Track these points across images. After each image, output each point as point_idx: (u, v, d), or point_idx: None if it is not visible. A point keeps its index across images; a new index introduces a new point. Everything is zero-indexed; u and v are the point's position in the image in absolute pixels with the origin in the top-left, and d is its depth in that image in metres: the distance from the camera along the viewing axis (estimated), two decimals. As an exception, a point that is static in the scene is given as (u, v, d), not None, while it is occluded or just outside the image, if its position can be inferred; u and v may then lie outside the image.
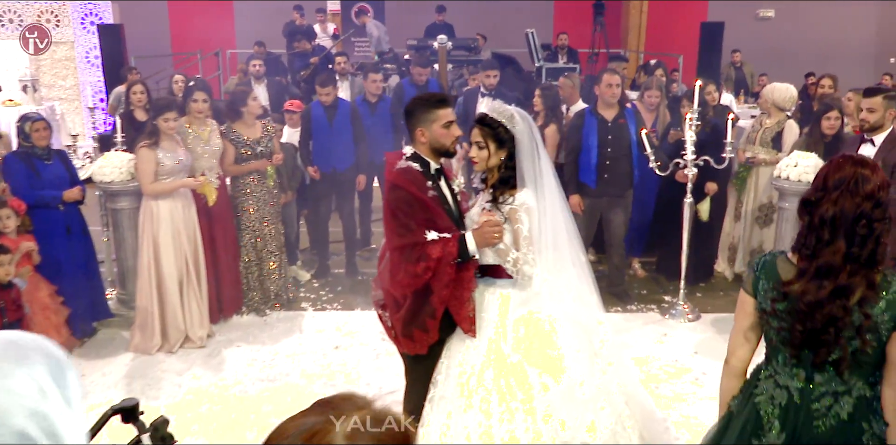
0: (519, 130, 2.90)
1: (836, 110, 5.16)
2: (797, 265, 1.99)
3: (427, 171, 2.89)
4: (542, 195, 2.93)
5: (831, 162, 2.00)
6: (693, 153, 5.02)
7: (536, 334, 2.90)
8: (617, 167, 5.24)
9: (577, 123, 5.35)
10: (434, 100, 2.89)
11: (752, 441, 2.07)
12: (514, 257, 2.86)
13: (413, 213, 2.78)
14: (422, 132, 2.85)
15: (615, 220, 5.41)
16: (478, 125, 2.91)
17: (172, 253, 4.64)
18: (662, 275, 6.17)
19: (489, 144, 2.88)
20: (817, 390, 2.00)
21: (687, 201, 5.18)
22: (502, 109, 2.92)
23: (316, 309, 5.45)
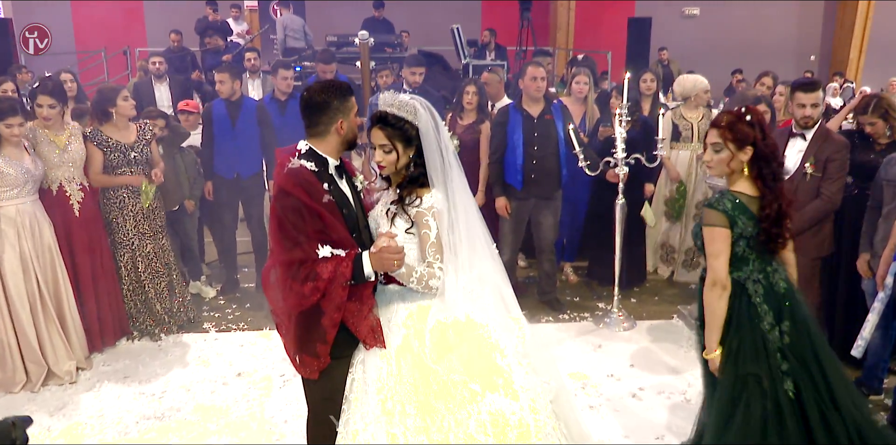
0: (423, 122, 2.54)
1: (763, 104, 4.93)
2: (758, 193, 2.76)
3: (324, 170, 2.51)
4: (453, 191, 2.59)
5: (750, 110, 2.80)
6: (623, 151, 4.70)
7: (465, 341, 2.54)
8: (544, 167, 4.88)
9: (502, 119, 4.98)
10: (346, 87, 2.53)
11: (760, 326, 2.76)
12: (417, 275, 2.52)
13: (303, 224, 2.39)
14: (342, 124, 2.50)
15: (544, 223, 5.05)
16: (379, 126, 2.54)
17: (21, 278, 4.01)
18: (595, 280, 5.86)
19: (396, 145, 2.54)
20: (776, 271, 2.85)
21: (619, 203, 4.86)
22: (401, 101, 2.54)
23: (219, 330, 4.90)
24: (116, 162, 4.50)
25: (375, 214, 2.67)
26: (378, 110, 2.56)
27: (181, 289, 4.90)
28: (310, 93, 2.49)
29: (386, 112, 2.53)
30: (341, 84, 2.52)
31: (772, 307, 2.77)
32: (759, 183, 2.74)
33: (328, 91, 2.47)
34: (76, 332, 4.27)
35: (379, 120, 2.53)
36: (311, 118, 2.50)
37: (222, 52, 10.02)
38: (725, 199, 2.74)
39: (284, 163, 2.47)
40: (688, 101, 5.71)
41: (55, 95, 4.23)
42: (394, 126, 2.52)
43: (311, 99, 2.48)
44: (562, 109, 4.97)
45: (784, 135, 4.04)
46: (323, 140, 2.52)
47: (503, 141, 4.91)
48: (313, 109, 2.49)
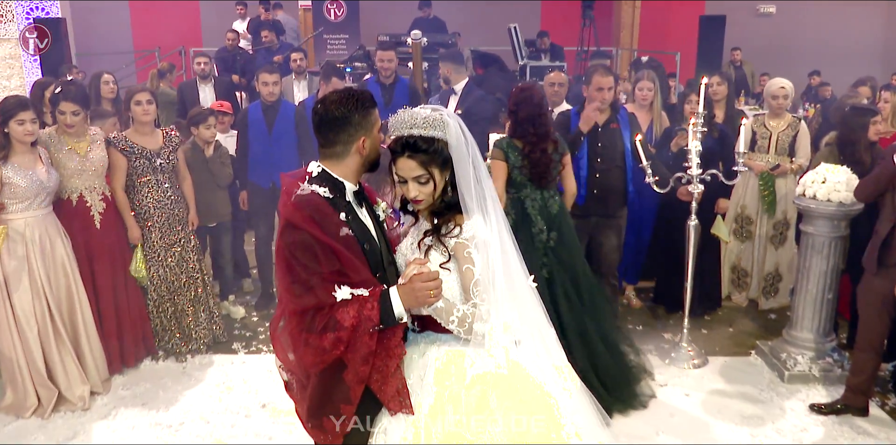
0: (454, 135, 2.12)
1: (879, 114, 4.32)
2: (524, 144, 3.86)
3: (340, 197, 2.10)
4: (489, 217, 2.16)
5: (521, 88, 3.98)
6: (699, 166, 4.15)
7: (512, 401, 2.08)
8: (609, 181, 4.36)
9: (562, 122, 4.48)
10: (368, 97, 2.11)
11: (531, 229, 3.85)
12: (459, 315, 2.07)
13: (316, 264, 1.97)
14: (363, 142, 2.10)
15: (607, 244, 4.53)
16: (408, 155, 2.11)
17: (30, 297, 3.71)
18: (661, 306, 5.30)
19: (433, 173, 2.12)
20: (552, 197, 3.92)
21: (691, 224, 4.30)
22: (426, 118, 2.11)
23: (248, 352, 4.56)
24: (141, 169, 4.20)
25: (404, 248, 2.24)
26: (400, 136, 2.12)
27: (211, 305, 4.57)
28: (325, 106, 2.07)
29: (413, 136, 2.10)
30: (362, 94, 2.10)
31: (543, 218, 3.85)
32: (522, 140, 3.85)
33: (347, 103, 2.06)
34: (93, 354, 3.97)
35: (406, 147, 2.10)
36: (328, 136, 2.08)
37: (275, 51, 9.79)
38: (503, 141, 3.91)
39: (291, 190, 2.05)
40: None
41: (78, 100, 3.95)
42: (426, 151, 2.10)
43: (328, 113, 2.06)
44: (629, 118, 4.44)
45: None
46: (340, 162, 2.10)
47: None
48: (330, 125, 2.07)
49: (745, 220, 5.24)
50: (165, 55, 11.10)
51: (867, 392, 3.79)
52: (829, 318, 4.22)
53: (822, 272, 4.12)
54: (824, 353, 4.23)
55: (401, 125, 2.12)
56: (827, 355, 4.23)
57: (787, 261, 5.26)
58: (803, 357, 4.22)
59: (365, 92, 2.12)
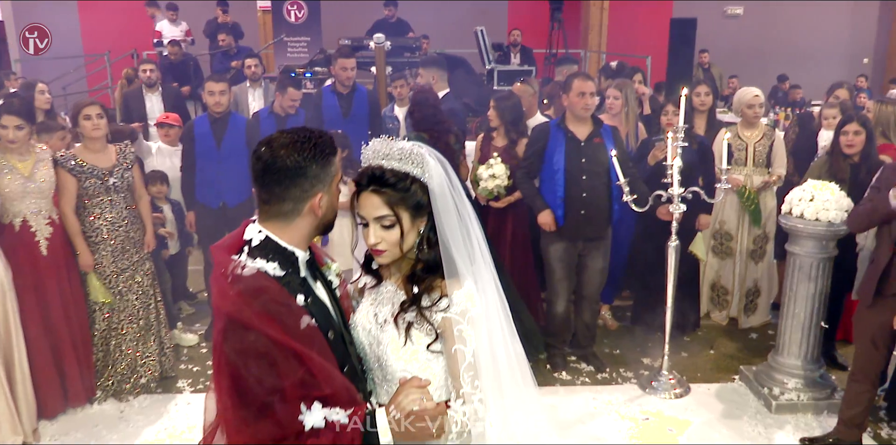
0: (436, 177, 1.73)
1: (855, 123, 4.07)
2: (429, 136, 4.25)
3: (294, 273, 1.64)
4: (480, 278, 1.77)
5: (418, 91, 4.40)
6: (680, 184, 3.87)
7: None
8: (595, 201, 4.07)
9: (539, 138, 4.16)
10: (328, 142, 1.67)
11: None
12: (457, 428, 1.66)
13: (275, 377, 1.49)
14: (320, 199, 1.66)
15: (592, 267, 4.24)
16: (373, 189, 1.72)
17: None
18: (639, 327, 5.03)
19: (401, 217, 1.72)
20: None
21: (672, 245, 4.03)
22: (402, 150, 1.73)
23: (195, 390, 4.17)
24: (93, 190, 3.82)
25: (362, 319, 1.83)
26: (369, 167, 1.74)
27: (163, 335, 4.19)
28: (272, 151, 1.60)
29: (382, 168, 1.71)
30: (320, 137, 1.65)
31: None
32: None
33: (303, 149, 1.60)
34: (27, 398, 3.57)
35: (372, 180, 1.71)
36: (274, 191, 1.61)
37: (232, 56, 9.36)
38: (412, 135, 4.04)
39: (225, 267, 1.57)
40: (742, 117, 4.91)
41: (23, 114, 3.58)
42: (395, 187, 1.70)
43: (276, 161, 1.59)
44: (612, 131, 4.15)
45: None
46: (289, 224, 1.65)
47: (537, 161, 4.14)
48: (278, 176, 1.60)
49: (724, 236, 5.00)
50: (116, 59, 10.59)
51: (861, 426, 3.55)
52: (817, 343, 3.99)
53: (809, 295, 3.88)
54: (813, 380, 3.99)
55: (373, 155, 1.75)
56: (815, 382, 3.99)
57: (766, 276, 5.05)
58: (791, 385, 3.98)
59: (324, 134, 1.68)
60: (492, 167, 4.38)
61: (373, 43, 8.30)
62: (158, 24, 10.38)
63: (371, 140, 1.77)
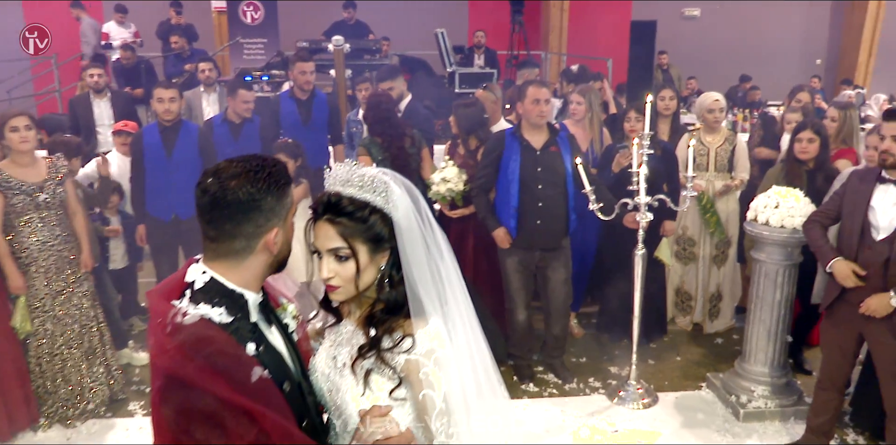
0: (402, 208, 1.59)
1: (809, 130, 4.06)
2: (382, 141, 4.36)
3: (243, 318, 1.49)
4: (450, 315, 1.62)
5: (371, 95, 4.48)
6: (645, 192, 3.82)
7: None
8: (552, 210, 3.99)
9: (494, 148, 4.07)
10: (282, 171, 1.52)
11: None
12: None
13: (226, 440, 1.34)
14: (275, 235, 1.51)
15: (554, 278, 4.16)
16: (328, 218, 1.57)
17: None
18: (605, 333, 4.98)
19: (358, 250, 1.57)
20: None
21: (639, 253, 3.98)
22: (363, 177, 1.58)
23: (147, 413, 3.98)
24: (21, 207, 3.59)
25: (321, 364, 1.67)
26: (325, 193, 1.59)
27: (108, 357, 3.99)
28: (221, 182, 1.43)
29: (340, 195, 1.56)
30: (275, 166, 1.49)
31: None
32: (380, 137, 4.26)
33: (256, 180, 1.44)
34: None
35: (328, 208, 1.56)
36: (223, 227, 1.45)
37: (186, 59, 9.10)
38: (366, 140, 4.26)
39: (164, 315, 1.39)
40: (705, 122, 4.88)
41: None
42: (352, 217, 1.55)
43: (226, 194, 1.42)
44: (569, 139, 4.08)
45: (868, 180, 3.16)
46: (239, 263, 1.49)
47: (493, 171, 4.04)
48: (229, 211, 1.43)
49: (687, 241, 4.97)
50: (63, 62, 10.23)
51: (829, 434, 3.54)
52: (784, 350, 3.97)
53: (775, 302, 3.86)
54: (779, 387, 3.98)
55: (333, 181, 1.59)
56: (782, 388, 3.97)
57: (728, 280, 5.04)
58: (758, 392, 3.95)
59: (278, 162, 1.52)
60: (443, 171, 4.30)
61: (331, 45, 8.15)
62: (105, 25, 10.04)
63: (333, 165, 1.63)
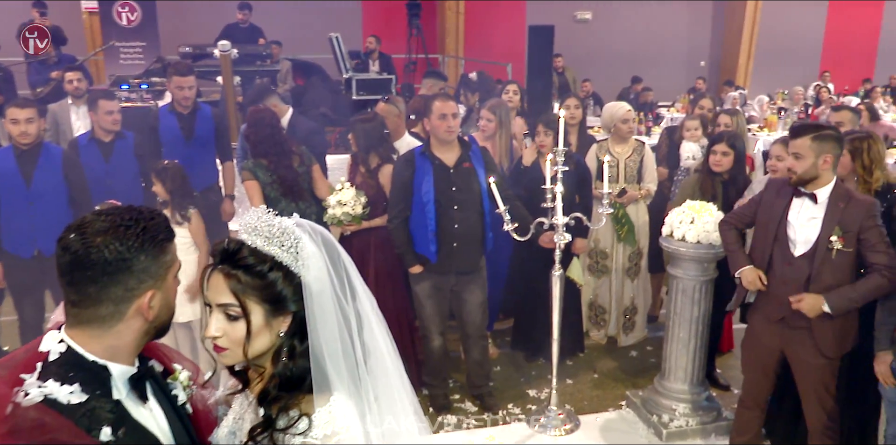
0: (314, 268, 1.37)
1: (724, 143, 4.03)
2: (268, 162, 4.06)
3: (101, 398, 1.24)
4: (371, 405, 1.40)
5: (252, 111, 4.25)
6: (560, 210, 3.63)
7: None
8: (468, 231, 3.75)
9: (404, 170, 3.78)
10: (162, 224, 1.31)
11: None
12: None
13: None
14: (151, 298, 1.30)
15: (471, 301, 3.92)
16: (222, 268, 1.37)
17: None
18: (520, 352, 4.81)
19: (250, 310, 1.35)
20: (305, 208, 4.13)
21: (556, 274, 3.79)
22: (276, 228, 1.36)
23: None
24: None
25: (222, 440, 1.43)
26: (226, 240, 1.38)
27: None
28: (85, 239, 1.23)
29: (241, 244, 1.36)
30: (152, 218, 1.30)
31: None
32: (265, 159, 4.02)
33: (126, 236, 1.25)
34: None
35: (226, 258, 1.36)
36: (86, 290, 1.25)
37: (52, 65, 8.28)
38: (249, 163, 3.97)
39: (7, 394, 1.16)
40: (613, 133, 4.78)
41: None
42: (249, 271, 1.34)
43: (91, 253, 1.23)
44: (483, 155, 3.84)
45: (784, 193, 3.09)
46: (108, 331, 1.28)
47: (407, 195, 3.76)
48: (96, 273, 1.24)
49: (599, 254, 4.87)
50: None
51: (753, 453, 3.48)
52: (702, 366, 3.91)
53: (693, 318, 3.78)
54: (700, 404, 3.91)
55: (243, 227, 1.37)
56: (702, 405, 3.91)
57: (642, 292, 4.99)
58: (679, 410, 3.87)
59: (156, 214, 1.31)
60: (339, 193, 3.97)
61: (217, 51, 7.64)
62: None
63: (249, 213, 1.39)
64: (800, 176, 2.94)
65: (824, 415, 3.13)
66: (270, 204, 3.84)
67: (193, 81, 4.69)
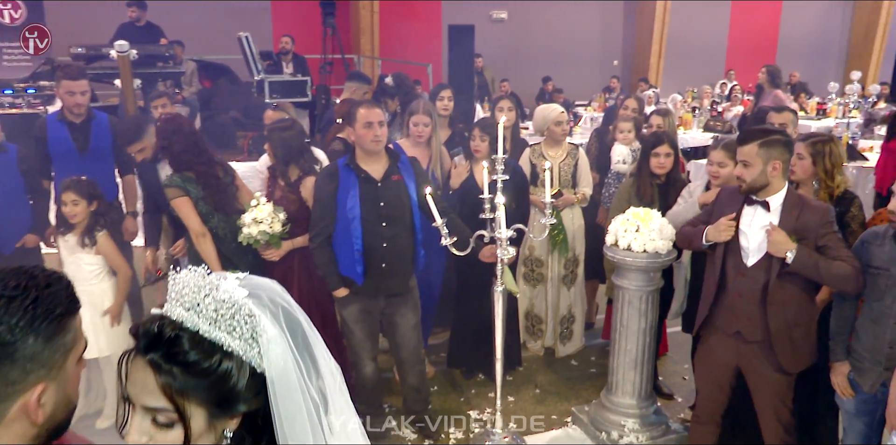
0: (277, 362, 1.07)
1: (666, 145, 3.90)
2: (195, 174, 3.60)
3: None
4: None
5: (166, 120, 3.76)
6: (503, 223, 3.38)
7: None
8: (398, 249, 3.44)
9: (327, 184, 3.43)
10: (62, 295, 1.03)
11: None
12: None
13: None
14: (43, 391, 1.03)
15: (403, 324, 3.62)
16: (150, 358, 1.03)
17: None
18: (457, 368, 4.56)
19: (190, 414, 1.04)
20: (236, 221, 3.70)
21: (497, 290, 3.54)
22: (225, 307, 1.03)
23: None
24: None
25: None
26: (155, 318, 1.04)
27: None
28: None
29: (178, 328, 1.03)
30: (48, 286, 1.01)
31: None
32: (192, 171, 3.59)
33: (12, 312, 0.97)
34: None
35: (154, 345, 1.03)
36: None
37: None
38: (175, 177, 3.51)
39: None
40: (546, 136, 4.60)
41: None
42: (190, 370, 1.02)
43: None
44: (412, 164, 3.55)
45: (735, 201, 2.95)
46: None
47: (331, 212, 3.42)
48: None
49: (535, 262, 4.67)
50: None
51: (708, 468, 3.34)
52: (650, 379, 3.76)
53: (640, 330, 3.62)
54: (648, 417, 3.76)
55: (175, 296, 1.04)
56: (651, 420, 3.76)
57: (579, 300, 4.82)
58: (629, 426, 3.71)
59: (54, 279, 1.02)
60: (255, 210, 3.58)
61: (114, 52, 7.03)
62: None
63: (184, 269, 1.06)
64: (749, 184, 2.81)
65: (781, 429, 3.02)
66: (203, 219, 3.51)
67: (86, 85, 4.20)
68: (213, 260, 3.53)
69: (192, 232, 3.53)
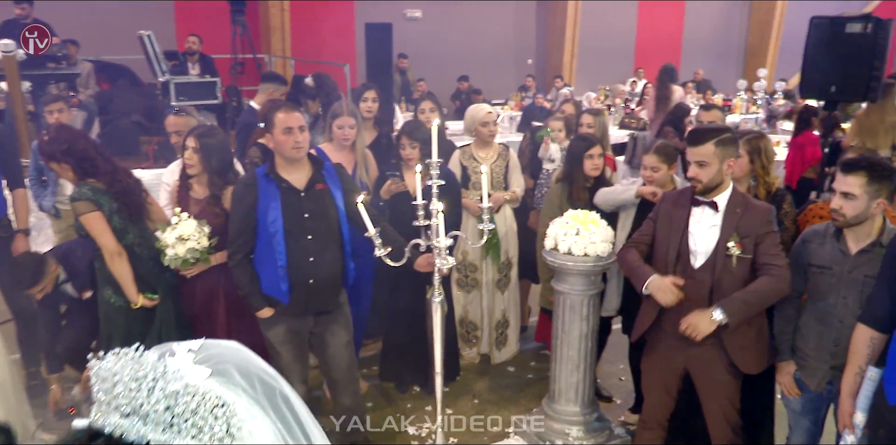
0: None
1: (599, 146, 3.82)
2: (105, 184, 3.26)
3: None
4: None
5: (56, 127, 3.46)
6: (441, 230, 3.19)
7: None
8: (325, 264, 3.19)
9: (245, 196, 3.13)
10: None
11: None
12: None
13: None
14: None
15: (335, 344, 3.37)
16: None
17: None
18: (390, 382, 4.36)
19: None
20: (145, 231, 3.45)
21: (436, 301, 3.35)
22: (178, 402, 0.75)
23: None
24: None
25: None
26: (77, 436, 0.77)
27: None
28: None
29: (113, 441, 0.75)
30: None
31: None
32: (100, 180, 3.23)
33: None
34: None
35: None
36: None
37: None
38: (84, 189, 3.15)
39: None
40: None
41: None
42: None
43: None
44: (338, 171, 3.31)
45: (682, 204, 2.88)
46: None
47: (251, 226, 3.14)
48: None
49: (468, 267, 4.52)
50: None
51: (657, 473, 3.28)
52: (592, 385, 3.68)
53: (582, 336, 3.53)
54: (592, 424, 3.67)
55: (104, 398, 0.78)
56: (594, 427, 3.68)
57: (513, 304, 4.71)
58: (573, 434, 3.61)
59: None
60: (177, 227, 3.26)
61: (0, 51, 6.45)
62: None
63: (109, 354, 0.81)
64: (706, 184, 2.74)
65: (729, 430, 2.98)
66: (117, 235, 3.16)
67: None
68: (128, 283, 3.21)
69: (107, 251, 3.18)
